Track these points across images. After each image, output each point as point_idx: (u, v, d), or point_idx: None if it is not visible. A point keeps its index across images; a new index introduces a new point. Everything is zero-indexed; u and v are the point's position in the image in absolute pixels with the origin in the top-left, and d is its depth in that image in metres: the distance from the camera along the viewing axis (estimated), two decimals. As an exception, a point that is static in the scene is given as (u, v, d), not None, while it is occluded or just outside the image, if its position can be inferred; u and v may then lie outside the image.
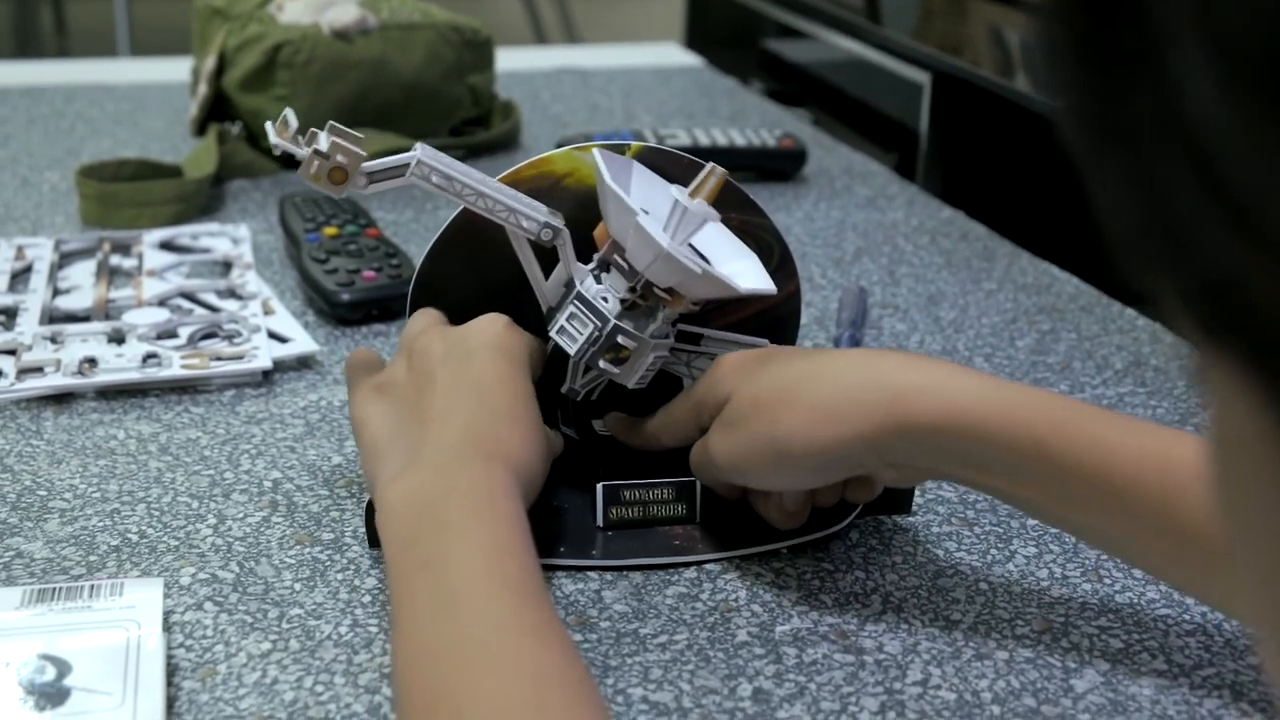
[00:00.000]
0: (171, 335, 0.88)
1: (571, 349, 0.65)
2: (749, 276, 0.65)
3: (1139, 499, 0.54)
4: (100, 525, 0.68)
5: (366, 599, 0.62)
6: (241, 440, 0.77)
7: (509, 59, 1.53)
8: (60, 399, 0.81)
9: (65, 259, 1.00)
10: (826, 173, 1.28)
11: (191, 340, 0.87)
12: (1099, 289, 1.01)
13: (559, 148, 0.70)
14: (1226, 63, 0.19)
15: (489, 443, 0.59)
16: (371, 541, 0.66)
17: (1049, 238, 1.15)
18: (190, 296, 0.94)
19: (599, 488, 0.67)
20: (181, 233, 1.05)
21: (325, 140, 0.63)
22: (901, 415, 0.57)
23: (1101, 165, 0.23)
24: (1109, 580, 0.65)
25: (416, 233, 1.09)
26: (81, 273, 0.98)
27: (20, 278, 0.97)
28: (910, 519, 0.70)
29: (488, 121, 1.36)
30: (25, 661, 0.53)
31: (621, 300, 0.64)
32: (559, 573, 0.65)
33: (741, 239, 0.68)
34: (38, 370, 0.82)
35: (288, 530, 0.68)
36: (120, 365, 0.82)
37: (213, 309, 0.92)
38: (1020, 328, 0.95)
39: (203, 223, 1.09)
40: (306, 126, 0.65)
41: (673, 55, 1.81)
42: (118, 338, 0.86)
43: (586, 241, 0.66)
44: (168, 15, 2.48)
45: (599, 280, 0.65)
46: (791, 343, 0.72)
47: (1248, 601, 0.24)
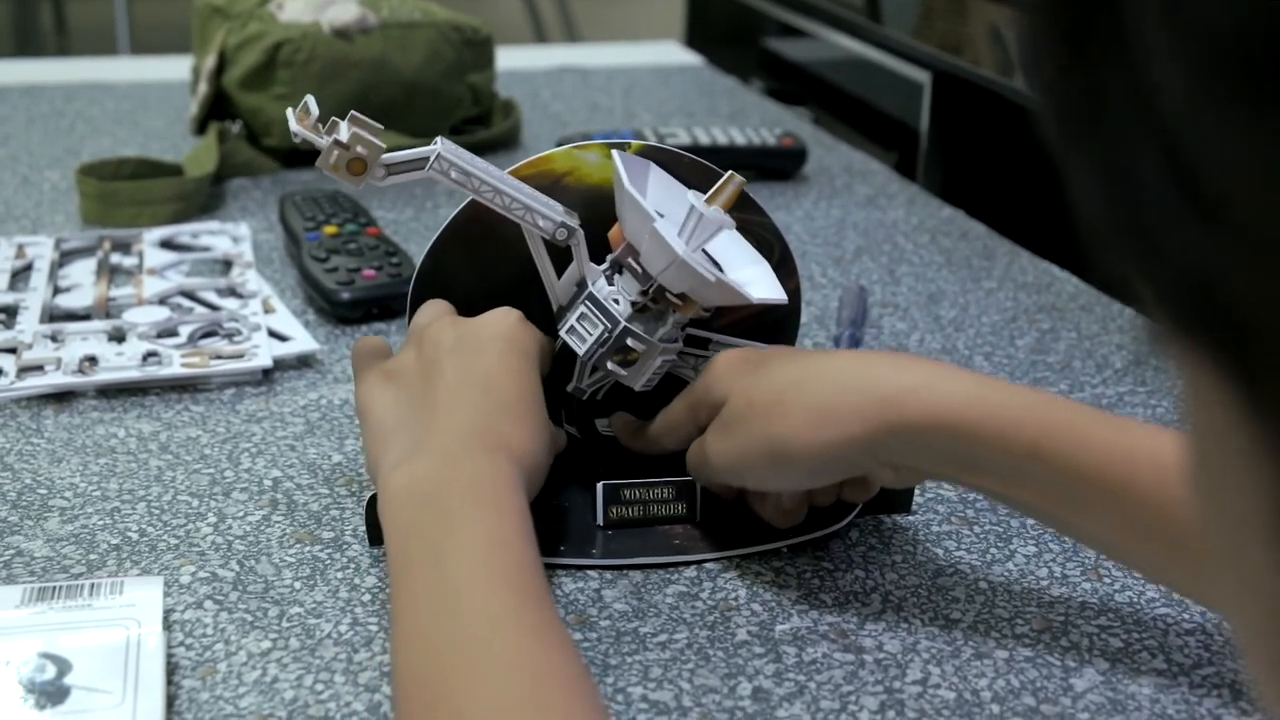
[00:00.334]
0: (172, 334, 0.88)
1: (580, 349, 0.65)
2: (761, 285, 0.65)
3: (1133, 500, 0.54)
4: (100, 524, 0.68)
5: (366, 598, 0.62)
6: (242, 439, 0.77)
7: (509, 58, 1.53)
8: (60, 397, 0.81)
9: (65, 257, 1.00)
10: (826, 172, 1.28)
11: (192, 339, 0.87)
12: (1099, 288, 1.01)
13: (559, 146, 0.70)
14: (1194, 51, 0.19)
15: (494, 435, 0.59)
16: (371, 540, 0.66)
17: (1049, 237, 1.15)
18: (190, 295, 0.94)
19: (599, 487, 0.67)
20: (182, 231, 1.05)
21: (346, 130, 0.63)
22: (895, 416, 0.57)
23: (1076, 159, 0.23)
24: (1108, 579, 0.65)
25: (417, 231, 1.09)
26: (82, 271, 0.98)
27: (20, 276, 0.97)
28: (910, 518, 0.70)
29: (488, 120, 1.36)
30: (25, 660, 0.53)
31: (633, 303, 0.64)
32: (559, 571, 0.65)
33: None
34: (38, 369, 0.82)
35: (288, 529, 0.68)
36: (120, 364, 0.82)
37: (213, 307, 0.92)
38: (1020, 326, 0.95)
39: (203, 221, 1.09)
40: (307, 125, 0.65)
41: (673, 54, 1.80)
42: (118, 336, 0.86)
43: (587, 238, 0.66)
44: (168, 14, 2.48)
45: (611, 282, 0.65)
46: (792, 341, 0.72)
47: (1222, 592, 0.25)
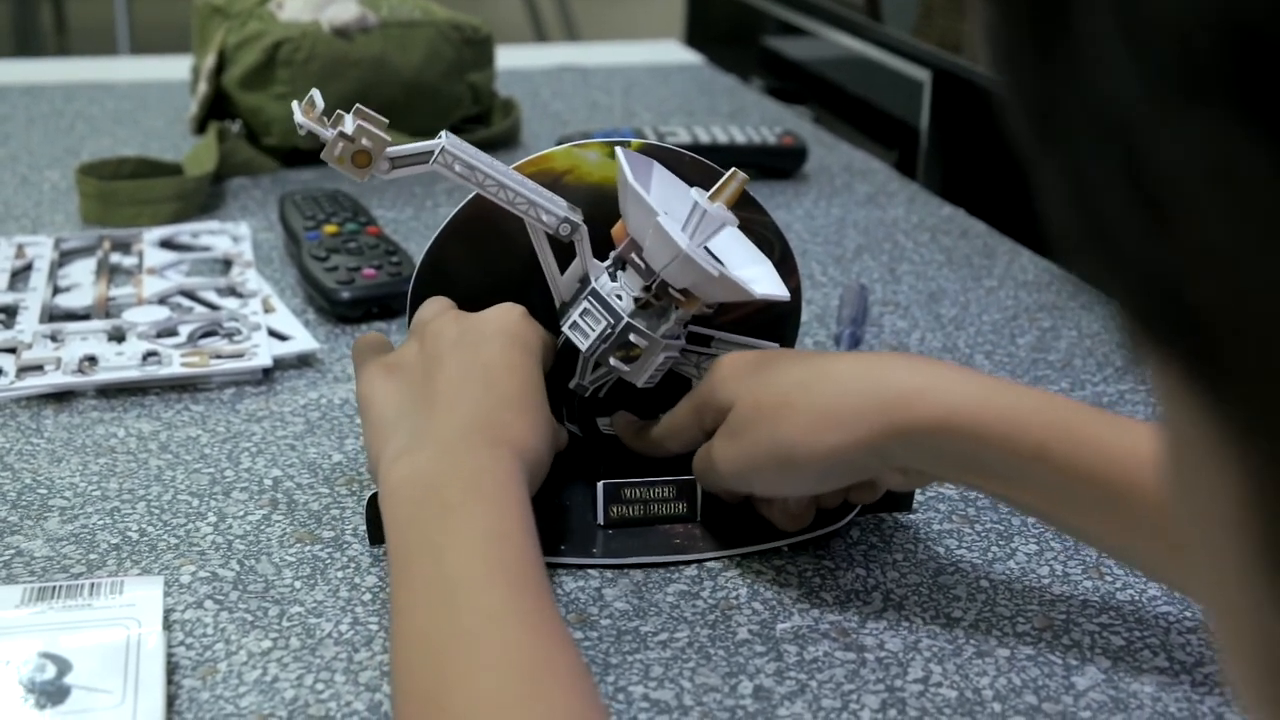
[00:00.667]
0: (171, 333, 0.87)
1: (583, 344, 0.65)
2: (764, 282, 0.65)
3: (1137, 501, 0.54)
4: (100, 523, 0.68)
5: (367, 597, 0.62)
6: (242, 438, 0.77)
7: (509, 57, 1.53)
8: (60, 397, 0.81)
9: (65, 257, 1.00)
10: (827, 170, 1.28)
11: (191, 338, 0.87)
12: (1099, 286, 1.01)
13: (559, 145, 0.70)
14: (1141, 51, 0.19)
15: (496, 428, 0.59)
16: (372, 539, 0.66)
17: (1050, 235, 1.15)
18: (190, 294, 0.94)
19: (600, 486, 0.67)
20: (181, 231, 1.05)
21: (351, 123, 0.63)
22: (901, 419, 0.57)
23: (1041, 164, 0.23)
24: (1110, 577, 0.65)
25: (416, 230, 1.09)
26: (81, 271, 0.98)
27: (20, 276, 0.97)
28: (911, 516, 0.70)
29: (488, 119, 1.36)
30: (25, 660, 0.53)
31: (635, 299, 0.64)
32: (560, 570, 0.65)
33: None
34: (38, 368, 0.82)
35: (288, 528, 0.68)
36: (120, 363, 0.82)
37: (213, 307, 0.92)
38: (1021, 325, 0.94)
39: (203, 221, 1.09)
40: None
41: (673, 53, 1.80)
42: (118, 336, 0.86)
43: (589, 238, 0.66)
44: (167, 13, 2.48)
45: (614, 278, 0.65)
46: (792, 340, 0.72)
47: (1198, 590, 0.25)
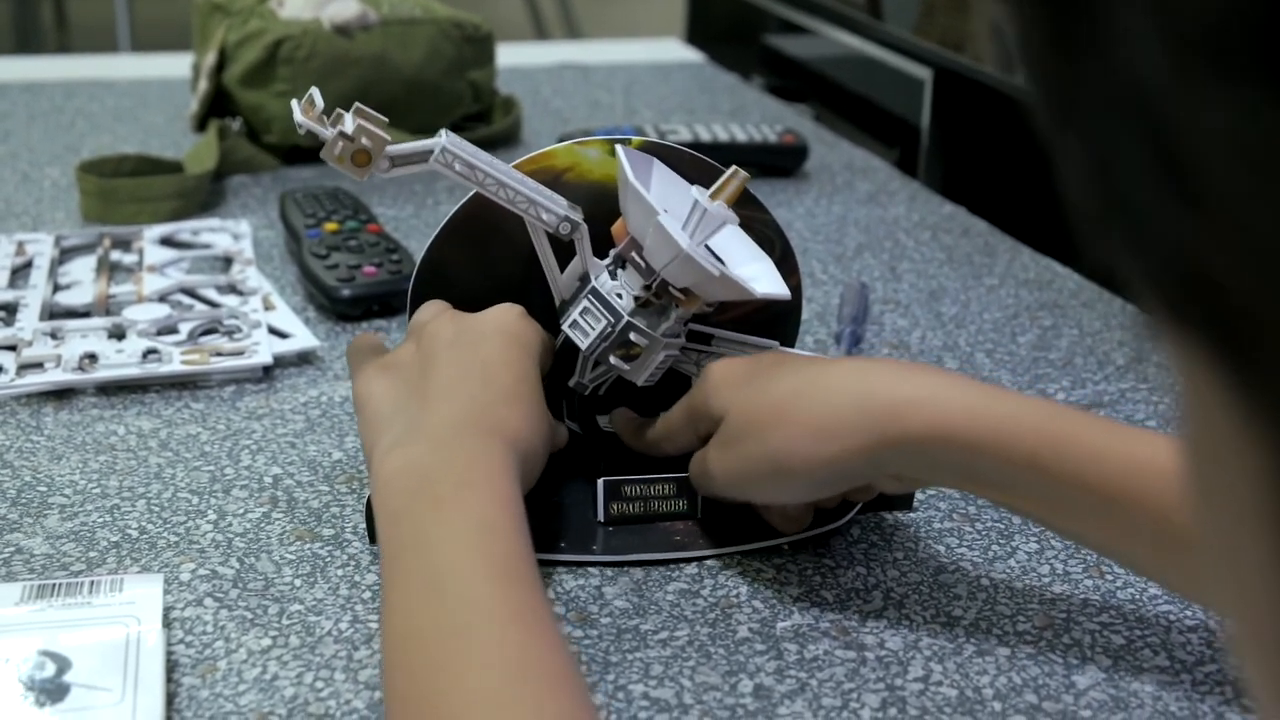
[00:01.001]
0: (172, 331, 0.87)
1: (583, 343, 0.65)
2: (764, 281, 0.65)
3: (1136, 509, 0.54)
4: (100, 521, 0.68)
5: (367, 595, 0.62)
6: (242, 436, 0.77)
7: (510, 55, 1.53)
8: (60, 395, 0.81)
9: (66, 255, 1.00)
10: (828, 168, 1.28)
11: (192, 336, 0.87)
12: (1100, 285, 1.01)
13: (560, 143, 0.70)
14: (1173, 30, 0.19)
15: (489, 419, 0.59)
16: (372, 537, 0.66)
17: (1050, 233, 1.15)
18: (191, 292, 0.94)
19: (600, 483, 0.67)
20: (182, 228, 1.05)
21: (350, 122, 0.63)
22: (894, 430, 0.57)
23: (1063, 144, 0.22)
24: (1111, 577, 0.65)
25: (417, 228, 1.09)
26: (82, 268, 0.98)
27: (21, 273, 0.97)
28: (911, 515, 0.70)
29: (489, 117, 1.36)
30: (25, 657, 0.53)
31: (636, 298, 0.64)
32: (560, 568, 0.65)
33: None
34: (38, 366, 0.82)
35: (288, 526, 0.68)
36: (120, 361, 0.82)
37: (213, 305, 0.92)
38: (1022, 323, 0.94)
39: (203, 218, 1.09)
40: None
41: (674, 51, 1.80)
42: (118, 333, 0.86)
43: (590, 235, 0.66)
44: (168, 11, 2.48)
45: (614, 276, 0.65)
46: (793, 339, 0.72)
47: (1218, 591, 0.24)
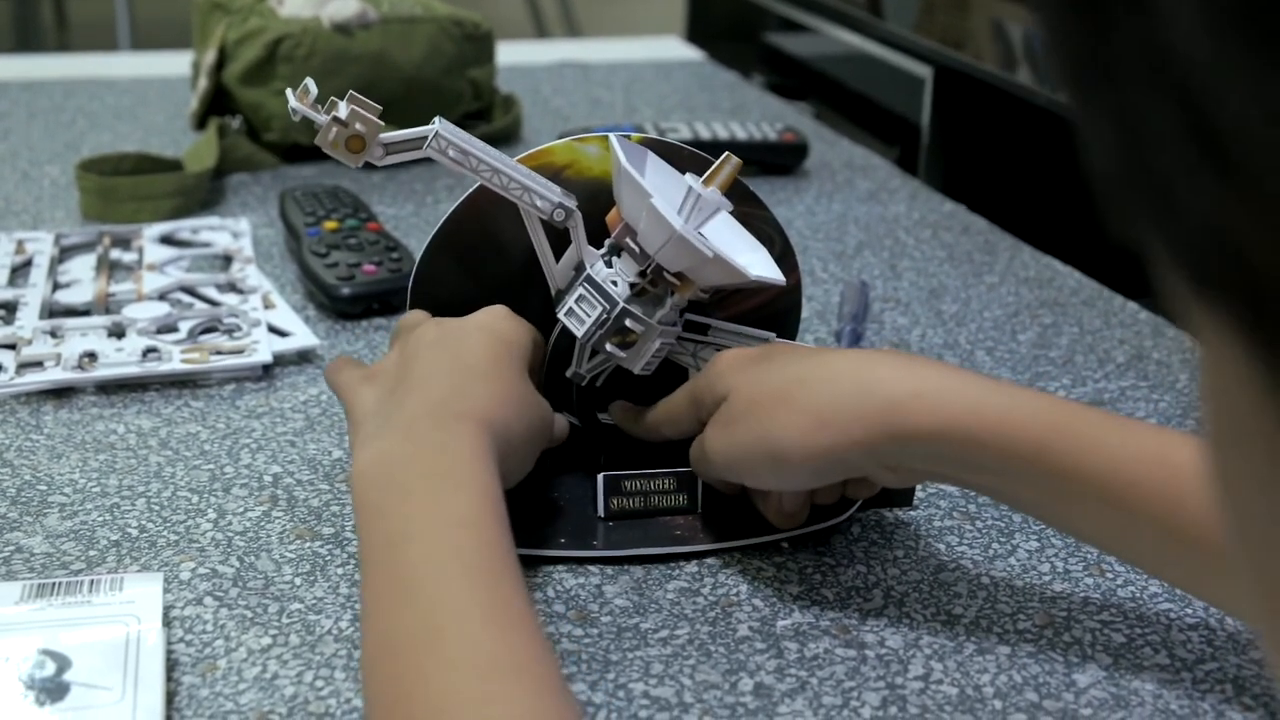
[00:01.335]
0: (171, 329, 0.87)
1: (579, 330, 0.65)
2: (759, 266, 0.65)
3: (1138, 502, 0.54)
4: (100, 520, 0.68)
5: (367, 593, 0.62)
6: (242, 434, 0.76)
7: (510, 53, 1.53)
8: (60, 393, 0.81)
9: (65, 253, 1.00)
10: (828, 166, 1.28)
11: (191, 334, 0.87)
12: (1101, 283, 1.01)
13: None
14: None
15: (459, 403, 0.58)
16: (372, 536, 0.66)
17: (1051, 232, 1.15)
18: (190, 291, 0.94)
19: (600, 478, 0.67)
20: (182, 227, 1.05)
21: (344, 108, 0.64)
22: (896, 422, 0.56)
23: (1089, 111, 0.22)
24: (1111, 575, 0.65)
25: (417, 227, 1.09)
26: (81, 267, 0.98)
27: (20, 272, 0.96)
28: (912, 513, 0.70)
29: (489, 115, 1.36)
30: (25, 656, 0.53)
31: (631, 285, 0.64)
32: (559, 566, 0.64)
33: (742, 231, 0.68)
34: (37, 365, 0.82)
35: (288, 525, 0.68)
36: (120, 359, 0.82)
37: (213, 303, 0.92)
38: (1022, 321, 0.94)
39: (203, 217, 1.09)
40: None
41: (674, 49, 1.80)
42: (118, 332, 0.86)
43: (588, 230, 0.66)
44: (168, 9, 2.48)
45: (609, 264, 0.65)
46: (793, 336, 0.72)
47: (1244, 596, 0.24)
